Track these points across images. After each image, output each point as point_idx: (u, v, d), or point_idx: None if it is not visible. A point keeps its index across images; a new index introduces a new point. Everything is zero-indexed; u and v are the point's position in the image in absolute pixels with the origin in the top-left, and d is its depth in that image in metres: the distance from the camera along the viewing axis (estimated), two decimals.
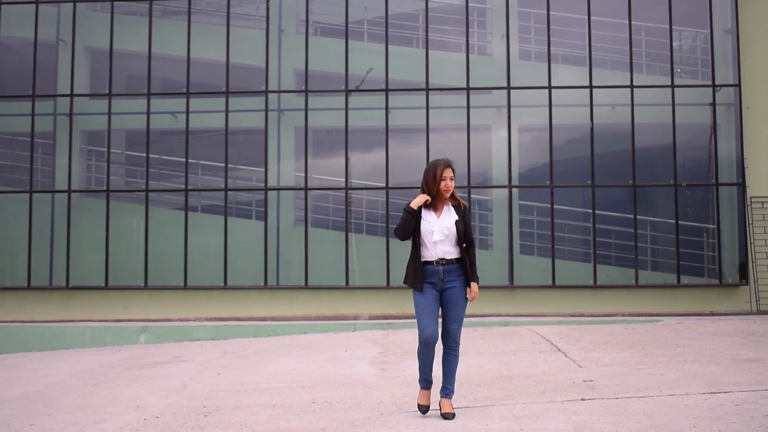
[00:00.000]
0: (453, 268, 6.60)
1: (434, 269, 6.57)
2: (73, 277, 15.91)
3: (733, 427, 5.62)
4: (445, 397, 6.60)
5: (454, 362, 6.67)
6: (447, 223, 6.61)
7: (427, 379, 6.66)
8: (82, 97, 16.75)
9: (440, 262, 6.57)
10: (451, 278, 6.58)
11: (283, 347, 11.97)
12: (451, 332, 6.62)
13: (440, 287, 6.57)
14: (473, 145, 15.81)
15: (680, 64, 16.46)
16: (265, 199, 15.97)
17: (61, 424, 6.96)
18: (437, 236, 6.55)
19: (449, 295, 6.58)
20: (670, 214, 15.70)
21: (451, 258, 6.59)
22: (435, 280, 6.56)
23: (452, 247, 6.61)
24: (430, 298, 6.55)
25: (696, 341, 11.10)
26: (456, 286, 6.59)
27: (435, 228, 6.57)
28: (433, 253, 6.57)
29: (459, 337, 6.67)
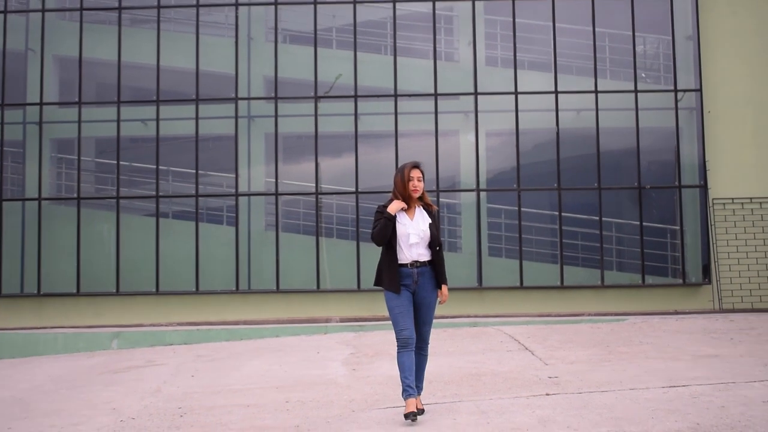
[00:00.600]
0: (426, 271, 6.70)
1: (408, 271, 6.65)
2: (44, 284, 15.94)
3: (688, 417, 5.88)
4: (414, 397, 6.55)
5: (424, 362, 6.81)
6: (422, 225, 6.71)
7: (410, 386, 6.57)
8: (52, 105, 16.78)
9: (414, 264, 6.65)
10: (424, 280, 6.68)
11: (256, 350, 12.13)
12: (423, 334, 6.75)
13: (413, 289, 6.66)
14: (441, 149, 16.05)
15: (643, 69, 16.81)
16: (236, 204, 16.11)
17: (39, 427, 7.09)
18: (413, 239, 6.64)
19: (422, 299, 6.69)
20: (634, 216, 16.03)
21: (424, 260, 6.69)
22: (409, 282, 6.64)
23: (425, 250, 6.72)
24: (405, 300, 6.62)
25: (659, 339, 11.40)
26: (429, 289, 6.71)
27: (411, 230, 6.66)
28: (407, 256, 6.66)
29: (428, 338, 6.83)
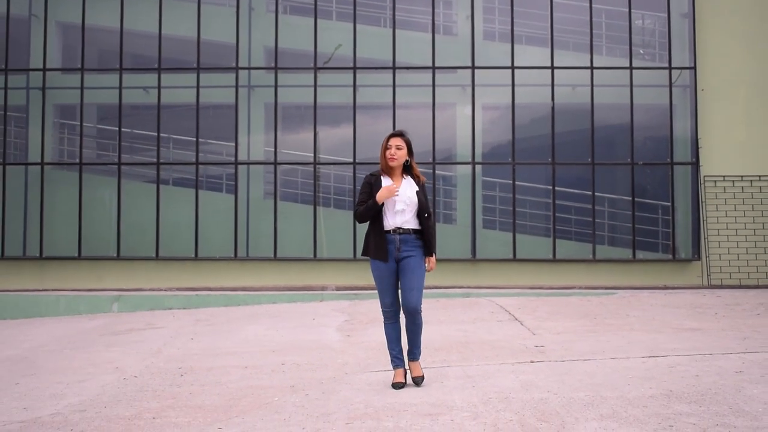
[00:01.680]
0: (410, 239, 6.53)
1: (391, 238, 6.52)
2: (46, 247, 16.25)
3: (663, 384, 6.20)
4: (412, 360, 6.63)
5: (416, 329, 6.59)
6: (409, 193, 6.58)
7: (397, 356, 6.62)
8: (55, 71, 17.01)
9: (397, 231, 6.51)
10: (408, 248, 6.51)
11: (253, 316, 12.45)
12: (410, 300, 6.49)
13: (396, 256, 6.51)
14: (438, 122, 16.30)
15: (639, 46, 17.01)
16: (236, 173, 16.37)
17: (46, 383, 7.40)
18: (400, 206, 6.50)
19: (405, 264, 6.49)
20: (627, 192, 16.31)
21: (408, 228, 6.54)
22: (391, 248, 6.51)
23: (411, 218, 6.56)
24: (387, 271, 6.52)
25: (645, 312, 11.71)
26: (413, 255, 6.52)
27: (397, 198, 6.52)
28: (391, 222, 6.52)
29: (419, 305, 6.55)
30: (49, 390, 7.04)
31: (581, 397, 5.84)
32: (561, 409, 5.53)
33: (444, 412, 5.56)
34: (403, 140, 6.74)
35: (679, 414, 5.27)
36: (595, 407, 5.53)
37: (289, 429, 5.28)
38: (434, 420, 5.36)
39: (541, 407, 5.59)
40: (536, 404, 5.69)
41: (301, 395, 6.36)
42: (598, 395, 5.89)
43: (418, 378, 6.57)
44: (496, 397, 5.96)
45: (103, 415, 5.93)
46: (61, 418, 5.87)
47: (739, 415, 5.22)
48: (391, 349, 6.66)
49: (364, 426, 5.27)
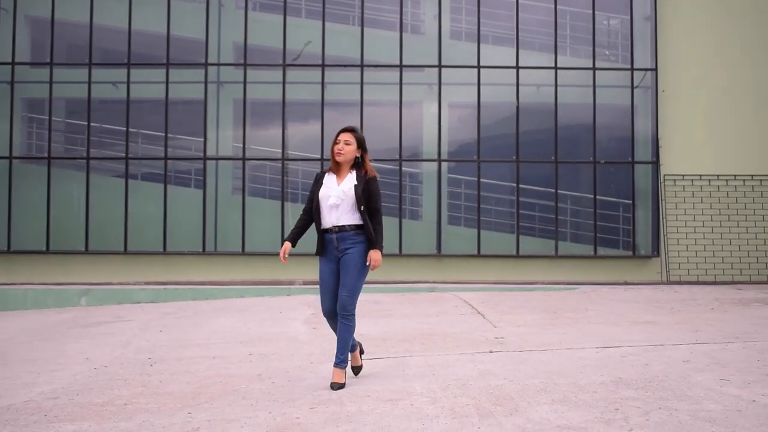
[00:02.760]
0: (349, 236, 6.37)
1: (329, 237, 6.40)
2: (14, 241, 16.31)
3: (614, 372, 6.51)
4: (336, 366, 6.35)
5: (346, 331, 6.35)
6: (344, 186, 6.40)
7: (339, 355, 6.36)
8: (23, 65, 17.07)
9: (333, 229, 6.37)
10: (346, 245, 6.37)
11: (222, 309, 12.64)
12: (342, 300, 6.32)
13: (336, 256, 6.40)
14: (405, 120, 16.56)
15: (603, 47, 17.38)
16: (204, 168, 16.53)
17: (17, 372, 7.57)
18: (333, 200, 6.34)
19: (343, 262, 6.36)
20: (589, 190, 16.66)
21: (344, 224, 6.37)
22: (331, 248, 6.40)
23: (348, 213, 6.38)
24: (327, 274, 6.42)
25: (604, 306, 12.06)
26: (351, 253, 6.37)
27: (332, 192, 6.37)
28: (327, 221, 6.39)
29: (352, 306, 6.35)
30: (21, 379, 7.21)
31: (535, 384, 6.13)
32: (515, 394, 5.81)
33: (404, 398, 5.82)
34: (353, 136, 6.49)
35: (626, 399, 5.57)
36: (547, 393, 5.82)
37: (256, 413, 5.51)
38: (395, 404, 5.62)
39: (497, 393, 5.87)
40: (492, 390, 5.97)
41: (268, 383, 6.59)
42: (552, 382, 6.19)
43: (336, 385, 6.26)
44: (455, 384, 6.23)
45: (76, 402, 6.12)
46: (34, 405, 6.05)
47: (681, 399, 5.53)
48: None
49: (328, 410, 5.52)
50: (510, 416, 5.19)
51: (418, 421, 5.13)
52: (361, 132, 6.58)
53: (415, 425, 5.04)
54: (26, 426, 5.36)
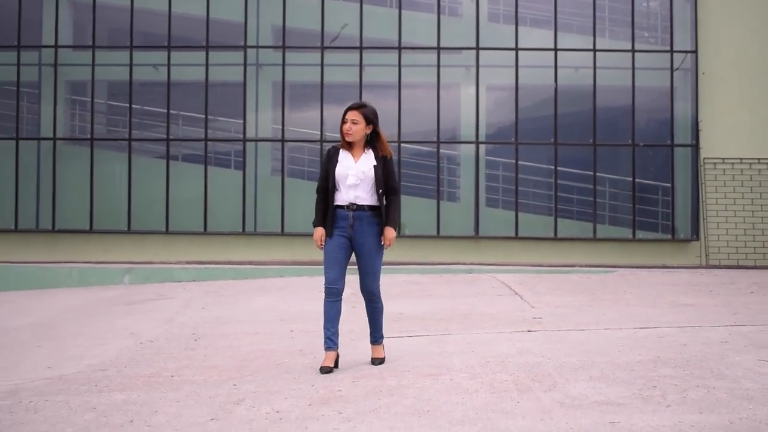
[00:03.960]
0: (365, 215, 6.24)
1: (344, 214, 6.23)
2: (58, 220, 16.60)
3: (651, 352, 6.56)
4: (374, 343, 6.47)
5: (377, 312, 6.44)
6: (363, 167, 6.25)
7: (330, 337, 6.23)
8: (66, 48, 17.33)
9: (351, 207, 6.22)
10: (362, 226, 6.23)
11: (261, 288, 12.83)
12: (366, 285, 6.35)
13: (349, 234, 6.23)
14: (443, 102, 16.59)
15: (642, 29, 17.27)
16: (244, 149, 16.69)
17: (66, 345, 7.79)
18: (352, 180, 6.19)
19: (360, 246, 6.26)
20: (628, 173, 16.60)
21: (363, 204, 6.23)
22: (344, 225, 6.24)
23: (367, 193, 6.24)
24: (336, 247, 6.23)
25: (642, 289, 12.07)
26: (368, 235, 6.25)
27: (350, 172, 6.21)
28: (345, 197, 6.24)
29: (376, 288, 6.39)
30: (70, 352, 7.42)
31: (573, 362, 6.21)
32: (553, 371, 5.89)
33: (444, 373, 5.93)
34: (360, 113, 6.32)
35: (664, 377, 5.64)
36: (585, 370, 5.90)
37: (299, 386, 5.65)
38: (435, 379, 5.73)
39: (535, 370, 5.96)
40: (530, 367, 6.06)
41: (310, 358, 6.74)
42: (589, 360, 6.26)
43: (377, 360, 6.36)
44: (494, 361, 6.33)
45: (124, 373, 6.30)
46: (84, 376, 6.24)
47: (719, 378, 5.58)
48: (327, 329, 6.25)
49: (369, 384, 5.64)
50: (548, 392, 5.28)
51: (458, 395, 5.24)
52: (370, 106, 6.43)
53: (455, 399, 5.15)
54: (78, 395, 5.54)
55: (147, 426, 4.69)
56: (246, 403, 5.19)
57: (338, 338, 6.35)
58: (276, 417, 4.83)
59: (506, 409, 4.86)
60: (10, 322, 9.92)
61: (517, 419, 4.64)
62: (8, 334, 8.79)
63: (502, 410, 4.84)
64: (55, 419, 4.90)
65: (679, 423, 4.49)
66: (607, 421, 4.55)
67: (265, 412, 4.94)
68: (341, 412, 4.91)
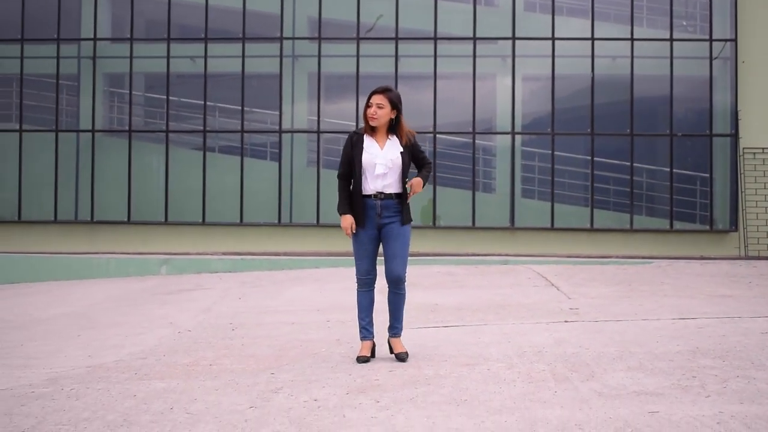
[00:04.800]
0: (392, 204, 6.12)
1: (372, 203, 6.10)
2: (97, 211, 16.80)
3: (690, 342, 6.51)
4: (393, 336, 6.31)
5: (399, 300, 6.32)
6: (392, 155, 6.10)
7: (366, 327, 6.29)
8: (105, 41, 17.52)
9: (378, 195, 6.09)
10: (389, 214, 6.12)
11: (297, 279, 12.89)
12: (394, 269, 6.19)
13: (377, 223, 6.11)
14: (479, 93, 16.54)
15: (680, 18, 17.07)
16: (280, 141, 16.78)
17: (105, 335, 7.89)
18: (380, 169, 6.06)
19: (388, 231, 6.14)
20: (665, 163, 16.45)
21: (390, 192, 6.11)
22: (372, 214, 6.11)
23: (394, 182, 6.12)
24: (366, 238, 6.15)
25: (680, 280, 11.96)
26: (395, 221, 6.13)
27: (378, 161, 6.07)
28: (372, 186, 6.09)
29: (403, 275, 6.24)
30: (110, 341, 7.51)
31: (611, 352, 6.18)
32: (591, 361, 5.87)
33: (481, 363, 5.93)
34: (386, 97, 6.08)
35: (703, 367, 5.59)
36: (623, 360, 5.87)
37: (337, 375, 5.68)
38: (471, 369, 5.73)
39: (573, 360, 5.94)
40: (568, 357, 6.03)
41: (347, 347, 6.77)
42: (627, 351, 6.23)
43: (402, 354, 6.18)
44: (530, 351, 6.31)
45: (163, 362, 6.37)
46: (124, 364, 6.32)
47: (759, 368, 5.53)
48: (361, 318, 6.31)
49: (406, 373, 5.66)
50: (586, 382, 5.26)
51: (495, 385, 5.23)
52: (395, 91, 6.22)
53: (492, 388, 5.15)
54: (118, 383, 5.62)
55: (187, 413, 4.74)
56: (284, 391, 5.23)
57: (373, 327, 6.34)
58: (314, 405, 4.86)
59: (544, 399, 4.85)
60: (51, 311, 10.06)
61: (555, 408, 4.63)
62: (48, 324, 8.91)
63: (540, 400, 4.84)
64: (96, 406, 4.97)
65: (720, 413, 4.45)
66: (646, 411, 4.52)
67: (303, 401, 4.97)
68: (378, 400, 4.93)
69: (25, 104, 17.15)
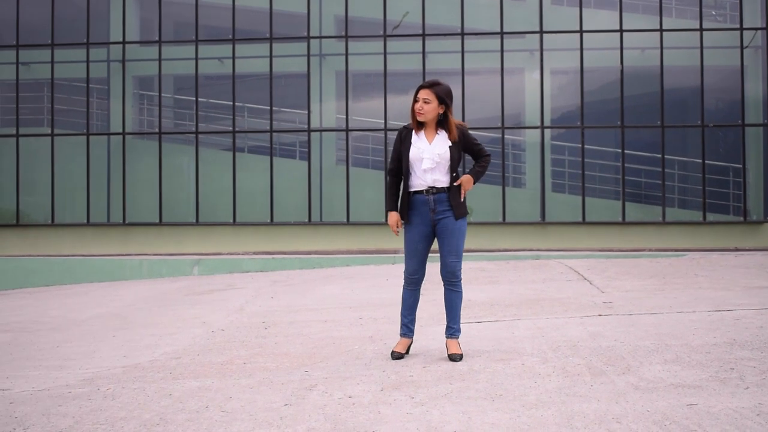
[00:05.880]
0: (444, 198, 5.96)
1: (424, 199, 5.96)
2: (129, 214, 16.94)
3: (727, 334, 6.43)
4: (450, 337, 6.08)
5: (457, 299, 6.12)
6: (438, 149, 5.95)
7: (407, 324, 6.21)
8: (133, 44, 17.63)
9: (430, 191, 5.95)
10: (443, 208, 5.96)
11: (328, 277, 12.90)
12: (449, 266, 6.02)
13: (431, 219, 5.98)
14: (507, 87, 16.48)
15: (710, 7, 16.90)
16: (308, 140, 16.82)
17: (139, 335, 7.93)
18: (427, 164, 5.92)
19: (443, 226, 5.98)
20: (697, 154, 16.30)
21: (441, 187, 5.95)
22: (425, 210, 5.97)
23: (444, 176, 5.96)
24: (417, 236, 6.02)
25: (714, 272, 11.83)
26: (449, 216, 5.97)
27: (425, 155, 5.93)
28: (422, 182, 5.96)
29: (459, 271, 6.07)
30: (144, 341, 7.56)
31: (646, 345, 6.12)
32: (627, 354, 5.81)
33: (515, 358, 5.89)
34: (432, 91, 5.92)
35: (741, 359, 5.52)
36: (659, 353, 5.81)
37: (370, 371, 5.67)
38: (506, 364, 5.70)
39: (608, 353, 5.88)
40: (603, 351, 5.98)
41: (380, 344, 6.75)
42: (663, 343, 6.16)
43: (456, 355, 5.95)
44: (565, 345, 6.27)
45: (197, 361, 6.40)
46: (159, 364, 6.35)
47: None
48: (404, 316, 6.23)
49: (440, 369, 5.63)
50: (622, 375, 5.21)
51: (530, 379, 5.20)
52: (444, 85, 6.00)
53: (527, 383, 5.11)
54: (154, 382, 5.64)
55: (222, 411, 4.75)
56: (318, 388, 5.22)
57: (414, 326, 6.28)
58: (349, 402, 4.85)
59: (580, 393, 4.81)
60: (86, 313, 10.14)
61: (591, 402, 4.59)
62: (84, 325, 8.98)
63: (576, 394, 4.79)
64: (132, 405, 4.99)
65: (759, 405, 4.39)
66: (684, 404, 4.47)
67: (338, 398, 4.96)
68: (413, 396, 4.91)
69: (56, 109, 17.32)
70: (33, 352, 7.27)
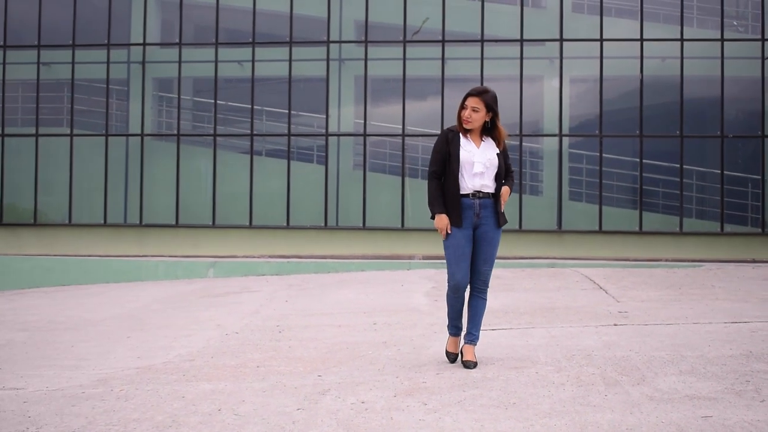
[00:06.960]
0: (488, 203, 5.97)
1: (470, 202, 5.92)
2: (146, 215, 17.00)
3: (743, 346, 6.39)
4: (469, 343, 6.04)
5: (482, 306, 6.09)
6: (489, 154, 5.97)
7: (457, 325, 6.16)
8: (154, 46, 17.73)
9: (477, 195, 5.93)
10: (487, 214, 5.96)
11: (343, 281, 12.90)
12: (482, 273, 6.03)
13: (475, 223, 5.95)
14: (526, 95, 16.44)
15: (731, 18, 16.82)
16: (326, 144, 16.83)
17: (154, 337, 7.96)
18: (478, 167, 5.90)
19: (483, 233, 5.97)
20: (716, 165, 16.21)
21: (488, 192, 5.96)
22: (470, 214, 5.93)
23: (491, 181, 5.97)
24: (462, 240, 5.91)
25: (731, 284, 11.75)
26: (490, 224, 5.98)
27: (476, 159, 5.91)
28: (470, 185, 5.92)
29: (489, 280, 6.10)
30: (159, 343, 7.58)
31: (662, 356, 6.08)
32: (642, 365, 5.78)
33: (529, 366, 5.87)
34: (481, 99, 5.93)
35: (757, 371, 5.48)
36: (675, 364, 5.77)
37: (384, 377, 5.66)
38: (520, 372, 5.68)
39: (623, 363, 5.86)
40: (618, 361, 5.95)
41: (394, 350, 6.74)
42: (679, 354, 6.12)
43: (470, 362, 5.93)
44: (579, 354, 6.24)
45: (211, 364, 6.41)
46: (173, 366, 6.37)
47: None
48: (452, 319, 6.15)
49: (454, 376, 5.62)
50: (637, 386, 5.18)
51: (544, 388, 5.18)
52: (492, 92, 6.04)
53: (541, 392, 5.09)
54: (167, 384, 5.66)
55: (234, 414, 4.76)
56: (331, 393, 5.22)
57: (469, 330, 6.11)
58: (361, 407, 4.85)
59: (594, 403, 4.79)
60: (101, 313, 10.18)
61: (605, 413, 4.57)
62: (99, 325, 9.02)
63: (590, 403, 4.77)
64: (146, 407, 5.00)
65: None
66: (699, 416, 4.44)
67: (351, 403, 4.96)
68: (426, 403, 4.90)
69: (75, 109, 17.41)
70: (48, 352, 7.31)
